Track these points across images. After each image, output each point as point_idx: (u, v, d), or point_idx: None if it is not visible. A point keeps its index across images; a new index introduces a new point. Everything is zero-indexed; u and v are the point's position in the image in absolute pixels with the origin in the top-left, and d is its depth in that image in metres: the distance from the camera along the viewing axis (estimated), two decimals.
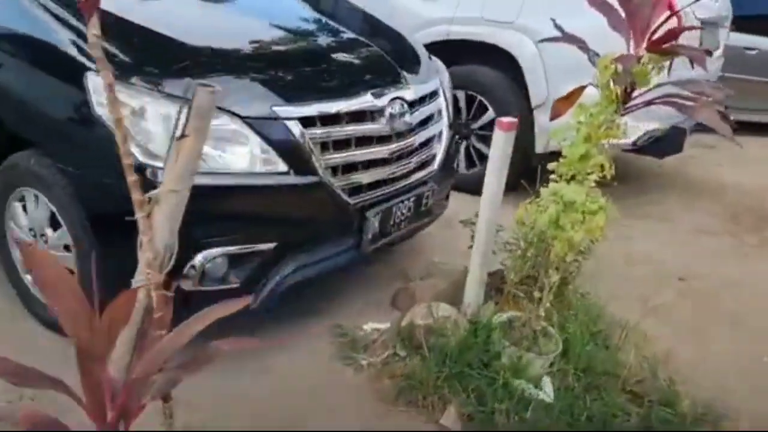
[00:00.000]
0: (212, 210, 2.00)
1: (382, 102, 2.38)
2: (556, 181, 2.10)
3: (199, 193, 1.89)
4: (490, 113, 4.00)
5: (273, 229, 2.12)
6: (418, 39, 4.06)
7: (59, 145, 2.06)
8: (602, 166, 2.08)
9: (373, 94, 2.37)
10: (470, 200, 2.81)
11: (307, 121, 2.14)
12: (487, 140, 4.08)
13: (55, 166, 2.06)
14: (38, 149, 2.13)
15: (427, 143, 2.70)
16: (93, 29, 0.86)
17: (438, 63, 3.10)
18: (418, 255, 3.18)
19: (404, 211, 2.58)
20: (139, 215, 0.99)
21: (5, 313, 2.46)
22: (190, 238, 1.91)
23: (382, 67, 2.62)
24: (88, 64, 1.95)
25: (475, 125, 4.12)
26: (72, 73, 1.98)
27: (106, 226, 2.04)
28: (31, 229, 2.31)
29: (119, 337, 0.90)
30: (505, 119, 2.35)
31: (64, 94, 2.01)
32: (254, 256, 2.09)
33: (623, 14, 1.94)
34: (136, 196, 0.96)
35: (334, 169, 2.24)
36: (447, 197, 3.05)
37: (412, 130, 2.56)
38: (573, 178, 2.10)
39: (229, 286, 2.07)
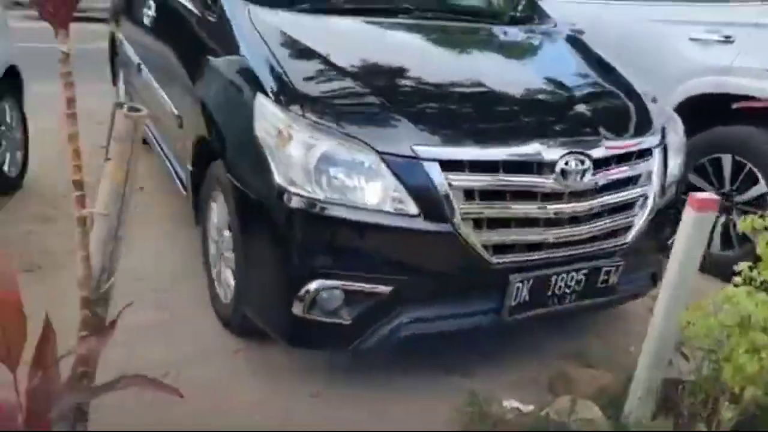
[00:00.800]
0: (334, 240, 1.99)
1: (553, 155, 2.08)
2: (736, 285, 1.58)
3: (324, 222, 1.93)
4: (761, 186, 3.24)
5: (392, 273, 2.00)
6: (686, 89, 3.57)
7: (231, 158, 2.26)
8: None
9: (543, 144, 2.09)
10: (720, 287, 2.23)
11: (450, 165, 1.98)
12: None
13: (227, 177, 2.27)
14: (223, 160, 2.36)
15: (619, 209, 2.29)
16: (63, 46, 0.89)
17: (670, 117, 2.62)
18: (605, 337, 2.71)
19: (571, 283, 2.22)
20: (77, 232, 1.00)
21: (191, 300, 2.79)
22: (308, 264, 1.95)
23: (568, 114, 2.31)
24: (256, 90, 2.10)
25: (739, 198, 3.37)
26: (246, 94, 2.15)
27: (251, 237, 2.18)
28: (218, 229, 2.59)
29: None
30: (701, 195, 1.85)
31: (239, 111, 2.19)
32: (369, 296, 2.00)
33: None
34: (77, 212, 0.97)
35: (478, 222, 2.03)
36: (655, 277, 2.54)
37: (596, 191, 2.20)
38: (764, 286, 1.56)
39: (339, 320, 2.01)
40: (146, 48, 3.65)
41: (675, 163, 2.56)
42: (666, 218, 2.43)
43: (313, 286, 1.97)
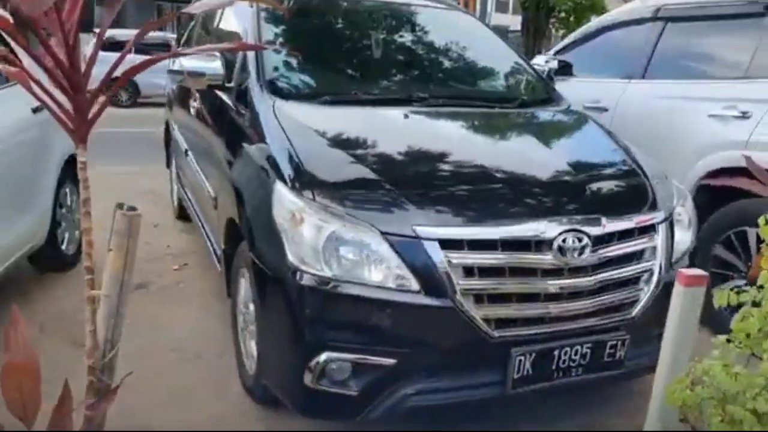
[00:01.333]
0: (342, 315, 2.13)
1: (550, 233, 2.19)
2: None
3: (332, 297, 2.09)
4: None
5: (397, 346, 2.11)
6: (706, 163, 3.62)
7: (253, 238, 2.45)
8: None
9: (540, 222, 2.20)
10: None
11: (449, 244, 2.11)
12: None
13: (249, 255, 2.47)
14: (247, 240, 2.56)
15: (623, 284, 2.35)
16: (82, 157, 1.11)
17: (678, 193, 2.70)
18: (626, 414, 2.70)
19: (575, 357, 2.27)
20: (87, 310, 1.19)
21: (220, 370, 2.96)
22: (317, 336, 2.10)
23: (568, 192, 2.42)
24: (275, 178, 2.31)
25: None
26: (268, 180, 2.37)
27: (267, 311, 2.35)
28: (245, 303, 2.77)
29: None
30: (690, 271, 1.93)
31: (261, 196, 2.40)
32: (375, 368, 2.11)
33: None
34: (86, 293, 1.16)
35: (478, 297, 2.14)
36: None
37: (596, 266, 2.28)
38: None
39: (346, 391, 2.13)
40: (191, 135, 4.00)
41: (683, 238, 2.62)
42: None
43: (322, 357, 2.10)
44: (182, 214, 4.99)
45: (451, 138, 2.71)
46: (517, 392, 2.21)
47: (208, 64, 3.04)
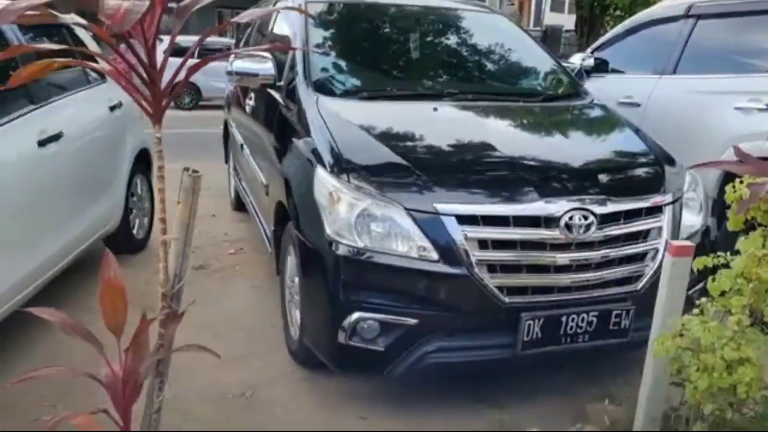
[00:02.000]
0: (369, 279, 2.45)
1: (557, 210, 2.44)
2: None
3: (363, 265, 2.41)
4: None
5: (418, 308, 2.41)
6: (731, 154, 3.75)
7: (298, 217, 2.79)
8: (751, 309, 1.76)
9: (548, 201, 2.46)
10: None
11: (465, 219, 2.40)
12: None
13: (295, 232, 2.81)
14: (293, 220, 2.91)
15: (629, 259, 2.58)
16: (158, 133, 1.46)
17: (686, 176, 2.89)
18: (632, 381, 2.91)
19: (582, 324, 2.51)
20: (160, 251, 1.53)
21: (270, 338, 3.32)
22: (350, 299, 2.42)
23: (579, 175, 2.66)
24: (317, 164, 2.65)
25: None
26: (310, 166, 2.71)
27: (309, 279, 2.69)
28: (291, 277, 3.11)
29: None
30: (678, 242, 2.15)
31: (305, 181, 2.73)
32: (399, 327, 2.41)
33: None
34: (161, 240, 1.51)
35: (492, 266, 2.41)
36: None
37: (603, 242, 2.52)
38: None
39: (374, 347, 2.44)
40: (247, 131, 4.40)
41: (692, 220, 2.82)
42: None
43: (354, 317, 2.42)
44: (238, 206, 5.42)
45: (474, 128, 2.99)
46: (526, 354, 2.47)
47: (261, 65, 3.41)
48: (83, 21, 1.43)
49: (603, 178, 2.66)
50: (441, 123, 2.97)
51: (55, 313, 1.48)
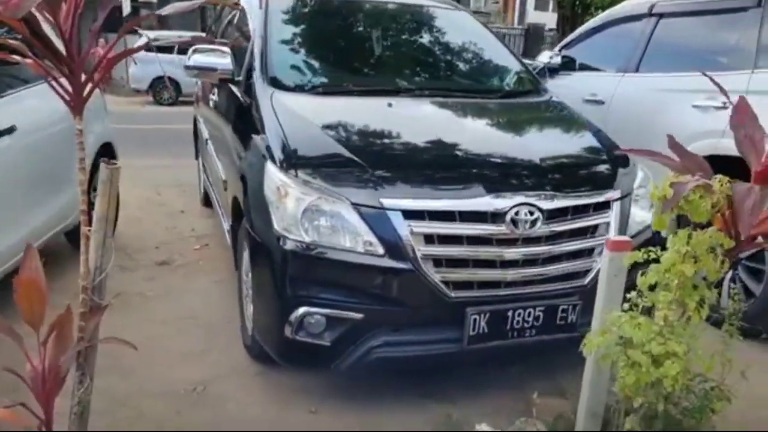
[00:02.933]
0: (316, 274, 2.45)
1: (503, 205, 2.46)
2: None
3: (310, 260, 2.41)
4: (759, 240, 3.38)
5: (364, 303, 2.42)
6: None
7: (249, 212, 2.79)
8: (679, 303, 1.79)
9: (495, 197, 2.47)
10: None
11: (411, 214, 2.41)
12: (757, 274, 3.48)
13: (246, 227, 2.80)
14: (245, 215, 2.89)
15: (576, 255, 2.60)
16: (78, 125, 1.45)
17: (638, 173, 2.92)
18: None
19: (529, 319, 2.53)
20: (82, 243, 1.53)
21: (226, 333, 3.31)
22: (296, 293, 2.42)
23: (527, 170, 2.68)
24: (267, 159, 2.64)
25: (742, 254, 3.51)
26: (261, 162, 2.70)
27: (258, 274, 2.69)
28: (246, 272, 3.10)
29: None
30: (616, 238, 2.17)
31: (256, 176, 2.72)
32: (345, 322, 2.42)
33: None
34: (82, 231, 1.50)
35: (437, 261, 2.42)
36: None
37: (549, 238, 2.54)
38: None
39: (321, 342, 2.44)
40: (210, 126, 4.39)
41: (642, 215, 2.84)
42: None
43: (300, 311, 2.42)
44: (207, 202, 5.39)
45: (428, 124, 2.99)
46: (473, 348, 2.49)
47: (219, 59, 3.40)
48: None
49: (551, 173, 2.68)
50: (394, 119, 2.98)
51: None
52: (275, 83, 3.16)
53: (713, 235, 1.82)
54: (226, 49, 3.46)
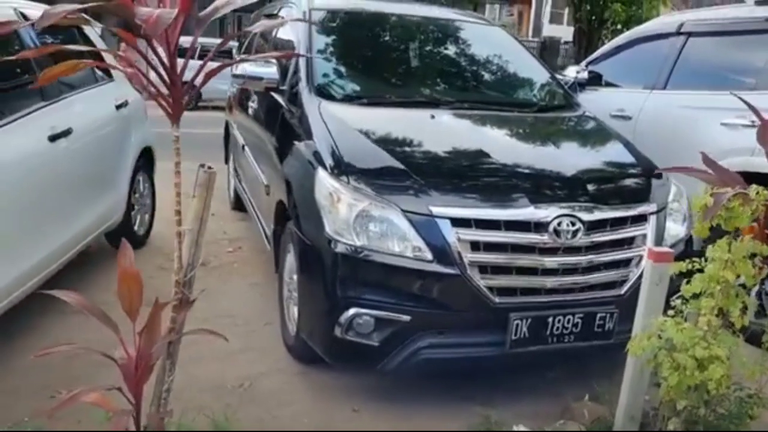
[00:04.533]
0: (366, 277, 2.56)
1: (546, 216, 2.57)
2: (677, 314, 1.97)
3: (360, 263, 2.52)
4: None
5: (412, 305, 2.52)
6: None
7: (298, 216, 2.91)
8: (721, 311, 1.89)
9: (538, 207, 2.58)
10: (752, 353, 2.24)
11: (459, 222, 2.52)
12: None
13: (295, 230, 2.92)
14: (293, 219, 3.02)
15: (614, 265, 2.70)
16: (176, 132, 1.57)
17: (671, 187, 3.03)
18: (618, 381, 3.03)
19: (568, 325, 2.63)
20: (176, 242, 1.65)
21: (268, 333, 3.42)
22: (347, 295, 2.54)
23: (568, 183, 2.79)
24: (318, 166, 2.77)
25: None
26: (311, 168, 2.82)
27: (308, 276, 2.80)
28: (290, 274, 3.21)
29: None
30: (658, 249, 2.28)
31: (306, 182, 2.85)
32: (393, 324, 2.53)
33: None
34: (176, 230, 1.62)
35: (483, 267, 2.53)
36: None
37: (589, 248, 2.64)
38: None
39: (369, 342, 2.55)
40: (248, 132, 4.52)
41: (676, 228, 2.95)
42: None
43: (350, 312, 2.54)
44: (237, 206, 5.53)
45: (469, 135, 3.12)
46: (514, 352, 2.59)
47: (266, 69, 3.54)
48: (114, 28, 1.54)
49: (591, 186, 2.79)
50: (437, 130, 3.10)
51: (73, 296, 1.59)
52: (321, 93, 3.29)
53: (752, 244, 1.92)
54: (271, 59, 3.60)
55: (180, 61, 1.59)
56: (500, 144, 3.05)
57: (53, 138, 3.18)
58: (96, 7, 1.34)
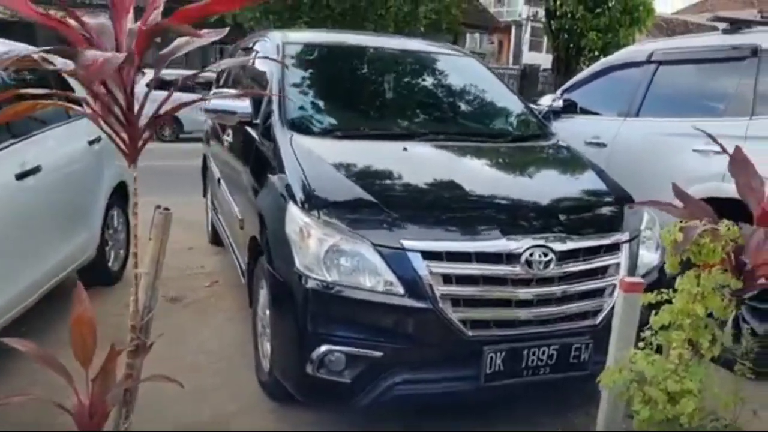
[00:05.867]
0: (337, 313, 2.52)
1: (518, 247, 2.55)
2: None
3: (331, 299, 2.49)
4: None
5: (384, 341, 2.48)
6: (692, 193, 3.93)
7: (270, 252, 2.87)
8: (691, 342, 1.87)
9: (510, 239, 2.57)
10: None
11: (430, 255, 2.49)
12: (762, 314, 3.56)
13: (266, 266, 2.88)
14: (265, 254, 2.98)
15: (588, 295, 2.69)
16: (134, 172, 1.54)
17: (644, 215, 3.03)
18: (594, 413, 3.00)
19: (543, 357, 2.60)
20: (132, 288, 1.61)
21: (241, 369, 3.36)
22: (318, 331, 2.49)
23: (540, 213, 2.78)
24: (289, 200, 2.74)
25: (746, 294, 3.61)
26: (283, 203, 2.80)
27: (279, 312, 2.75)
28: (263, 309, 3.16)
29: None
30: (630, 279, 2.27)
31: (278, 216, 2.81)
32: (366, 360, 2.48)
33: None
34: (133, 270, 1.59)
35: (455, 301, 2.50)
36: None
37: (562, 278, 2.63)
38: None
39: (341, 379, 2.50)
40: (224, 165, 4.49)
41: (649, 256, 2.95)
42: None
43: (321, 349, 2.49)
44: (215, 240, 5.47)
45: (443, 167, 3.11)
46: (489, 386, 2.55)
47: (239, 103, 3.53)
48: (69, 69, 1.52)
49: (563, 216, 2.79)
50: (410, 162, 3.09)
51: (27, 344, 1.54)
52: (294, 127, 3.28)
53: (721, 276, 1.92)
54: (244, 93, 3.59)
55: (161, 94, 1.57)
56: (473, 175, 3.05)
57: (21, 176, 3.14)
58: (47, 51, 1.32)
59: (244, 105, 3.54)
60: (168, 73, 14.06)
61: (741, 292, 1.93)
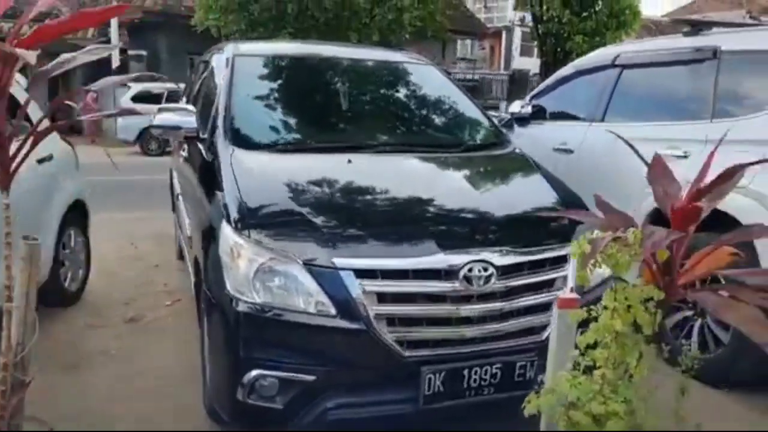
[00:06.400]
0: (268, 336, 2.42)
1: (456, 262, 2.45)
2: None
3: (262, 321, 2.38)
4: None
5: (317, 364, 2.38)
6: (652, 200, 3.84)
7: (205, 272, 2.77)
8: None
9: (448, 253, 2.47)
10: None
11: (364, 273, 2.39)
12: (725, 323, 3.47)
13: (203, 287, 2.78)
14: (203, 273, 2.86)
15: (533, 310, 2.59)
16: (5, 200, 1.45)
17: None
18: None
19: (486, 377, 2.50)
20: (4, 320, 1.51)
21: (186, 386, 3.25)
22: (248, 355, 2.39)
23: (479, 226, 2.69)
24: (223, 219, 2.64)
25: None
26: (218, 222, 2.70)
27: (212, 334, 2.65)
28: None
29: None
30: (566, 296, 2.16)
31: (213, 236, 2.71)
32: (298, 384, 2.38)
33: None
34: (4, 306, 1.49)
35: (391, 320, 2.40)
36: None
37: (505, 294, 2.52)
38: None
39: (273, 405, 2.40)
40: (182, 181, 4.40)
41: (600, 269, 2.83)
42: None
43: (252, 374, 2.39)
44: (182, 255, 5.36)
45: (385, 180, 3.01)
46: (429, 408, 2.45)
47: (184, 118, 3.44)
48: None
49: (507, 228, 2.69)
50: (353, 176, 3.00)
51: None
52: (236, 141, 3.19)
53: (643, 288, 1.82)
54: (191, 107, 3.50)
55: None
56: (416, 188, 2.95)
57: None
58: None
59: (190, 119, 3.45)
60: (154, 87, 14.04)
61: (665, 303, 1.83)
